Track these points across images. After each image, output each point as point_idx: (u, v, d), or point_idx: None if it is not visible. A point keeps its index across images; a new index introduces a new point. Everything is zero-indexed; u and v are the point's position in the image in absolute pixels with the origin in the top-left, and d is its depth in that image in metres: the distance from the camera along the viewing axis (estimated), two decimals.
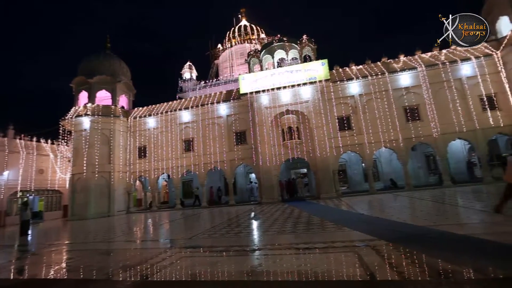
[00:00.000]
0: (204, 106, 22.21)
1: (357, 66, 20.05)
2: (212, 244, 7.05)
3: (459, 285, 3.28)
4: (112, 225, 14.98)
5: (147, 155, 22.96)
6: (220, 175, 23.35)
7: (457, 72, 17.89)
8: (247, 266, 4.90)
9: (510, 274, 3.59)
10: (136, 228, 13.06)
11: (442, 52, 18.71)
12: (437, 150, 17.71)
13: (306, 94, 19.42)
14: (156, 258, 6.01)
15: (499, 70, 17.30)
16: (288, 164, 22.06)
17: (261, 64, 21.64)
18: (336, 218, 9.42)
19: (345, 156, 20.69)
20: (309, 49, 20.73)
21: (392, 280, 3.64)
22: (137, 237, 10.25)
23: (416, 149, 19.52)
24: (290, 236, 7.17)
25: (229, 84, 30.27)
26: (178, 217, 15.66)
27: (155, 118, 23.25)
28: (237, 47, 36.64)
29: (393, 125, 18.30)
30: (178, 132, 22.59)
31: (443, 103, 17.82)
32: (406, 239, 5.57)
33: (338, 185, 18.83)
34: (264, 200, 18.89)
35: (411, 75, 18.59)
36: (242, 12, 41.39)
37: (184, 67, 35.86)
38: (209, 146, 21.56)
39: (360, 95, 19.21)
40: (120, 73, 24.05)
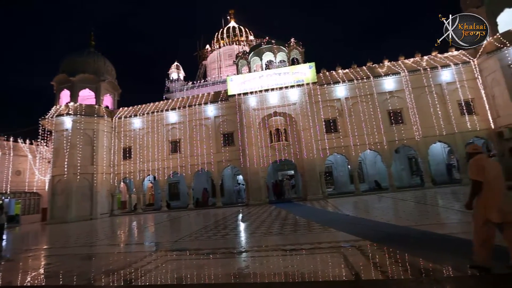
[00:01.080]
0: (192, 107, 21.97)
1: (343, 70, 20.47)
2: (199, 246, 6.95)
3: (439, 283, 3.40)
4: (94, 228, 14.50)
5: (132, 156, 22.42)
6: (207, 177, 23.13)
7: (437, 78, 18.62)
8: (234, 268, 4.87)
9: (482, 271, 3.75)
10: (120, 231, 12.70)
11: (424, 58, 19.43)
12: (419, 152, 18.33)
13: (294, 97, 19.62)
14: (140, 261, 5.87)
15: (476, 77, 18.16)
16: (276, 166, 22.17)
17: (249, 66, 21.68)
18: (323, 219, 9.53)
19: (332, 158, 21.03)
20: (297, 52, 20.98)
21: (376, 279, 3.72)
22: (121, 240, 9.97)
23: (399, 151, 20.12)
24: (277, 238, 7.19)
25: (217, 85, 30.14)
26: (164, 219, 15.37)
27: (141, 118, 22.76)
28: (226, 49, 36.57)
29: (378, 128, 18.78)
30: (165, 133, 22.21)
31: (424, 107, 18.49)
32: (389, 239, 5.72)
33: (324, 187, 19.09)
34: (251, 202, 18.87)
35: (394, 79, 19.18)
36: (231, 14, 41.40)
37: (172, 67, 35.41)
38: (196, 147, 21.33)
39: (346, 98, 19.62)
40: (105, 71, 23.41)
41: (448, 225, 6.62)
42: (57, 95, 22.31)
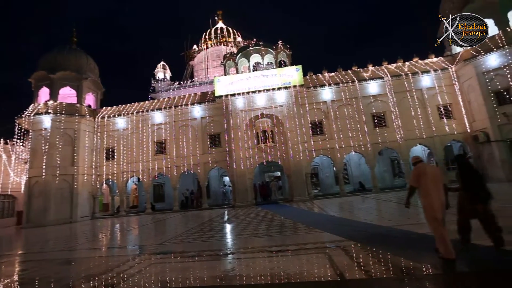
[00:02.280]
0: (178, 108, 21.67)
1: (329, 73, 20.86)
2: (184, 249, 6.85)
3: (419, 281, 3.52)
4: (74, 232, 13.96)
5: (115, 157, 21.79)
6: (193, 178, 22.85)
7: (418, 83, 19.35)
8: (220, 271, 4.84)
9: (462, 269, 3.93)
10: (102, 234, 12.30)
11: (406, 64, 20.14)
12: (401, 154, 18.94)
13: (281, 99, 19.78)
14: (123, 266, 5.70)
15: (454, 83, 19.02)
16: (262, 167, 22.22)
17: (237, 67, 21.67)
18: (308, 220, 9.64)
19: (317, 160, 21.33)
20: (284, 55, 21.18)
21: (360, 279, 3.80)
22: (103, 244, 9.65)
23: (383, 153, 20.71)
24: (263, 239, 7.20)
25: (204, 86, 29.88)
26: (148, 222, 15.02)
27: (125, 118, 22.19)
28: (213, 49, 36.37)
29: (362, 130, 19.26)
30: (150, 134, 21.76)
31: (406, 111, 19.14)
32: (373, 239, 5.87)
33: (310, 188, 19.33)
34: (238, 204, 18.81)
35: (378, 84, 19.75)
36: (219, 14, 41.24)
37: (158, 67, 34.78)
38: (182, 148, 21.03)
39: (332, 101, 20.00)
40: (87, 69, 22.66)
41: (427, 224, 6.85)
42: (36, 92, 21.36)
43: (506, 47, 16.17)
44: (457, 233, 4.66)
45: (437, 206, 4.01)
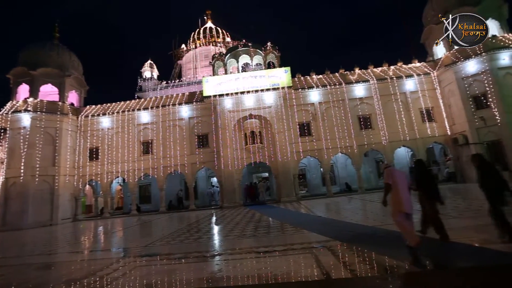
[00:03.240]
0: (165, 107, 21.33)
1: (317, 75, 21.15)
2: (170, 251, 6.74)
3: (402, 279, 3.63)
4: (54, 235, 13.45)
5: (99, 157, 21.16)
6: (181, 179, 22.54)
7: (402, 86, 19.95)
8: (207, 272, 4.79)
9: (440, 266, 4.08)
10: (84, 237, 11.91)
11: (391, 68, 20.74)
12: (385, 156, 19.45)
13: (269, 100, 19.87)
14: (106, 269, 5.54)
15: (435, 87, 19.75)
16: (250, 168, 22.22)
17: (226, 67, 21.60)
18: (296, 221, 9.72)
19: (305, 161, 21.56)
20: (273, 56, 21.30)
21: (345, 278, 3.87)
22: (85, 247, 9.34)
23: (368, 155, 21.19)
24: (250, 240, 7.20)
25: (192, 86, 29.57)
26: (133, 223, 14.68)
27: (110, 117, 21.61)
28: (202, 49, 36.07)
29: (349, 132, 19.64)
30: (136, 134, 21.29)
31: (390, 113, 19.68)
32: (358, 239, 5.99)
33: (298, 189, 19.50)
34: (225, 205, 18.72)
35: (364, 87, 20.21)
36: (207, 14, 40.98)
37: (145, 65, 34.09)
38: (169, 148, 20.71)
39: (320, 103, 20.28)
40: (70, 66, 21.91)
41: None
42: (14, 89, 20.44)
43: (484, 54, 16.96)
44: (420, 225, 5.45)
45: (404, 202, 4.57)
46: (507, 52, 16.82)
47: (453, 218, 7.14)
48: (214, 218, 13.31)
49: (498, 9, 18.19)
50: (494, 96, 16.62)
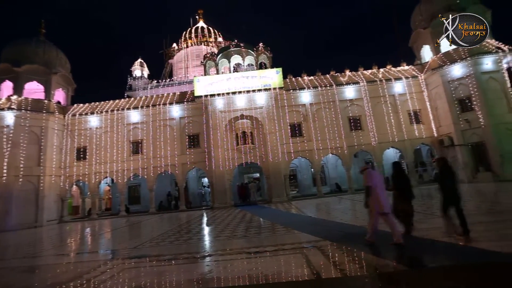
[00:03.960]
0: (156, 107, 21.06)
1: (308, 77, 21.33)
2: (160, 252, 6.65)
3: (388, 277, 3.70)
4: (39, 237, 13.06)
5: (87, 157, 20.68)
6: (171, 180, 22.30)
7: (391, 89, 20.36)
8: (197, 274, 4.76)
9: (431, 264, 4.19)
10: (70, 239, 11.61)
11: (380, 70, 21.12)
12: (375, 157, 19.79)
13: (261, 100, 19.91)
14: (93, 272, 5.42)
15: (423, 90, 20.24)
16: (241, 169, 22.20)
17: (217, 67, 21.51)
18: (286, 221, 9.77)
19: (296, 162, 21.69)
20: (265, 57, 21.35)
21: (335, 277, 3.92)
22: (71, 249, 9.11)
23: (358, 156, 21.49)
24: (241, 241, 7.19)
25: (183, 86, 29.30)
26: (122, 225, 14.41)
27: (99, 116, 21.16)
28: (193, 48, 35.80)
29: (339, 133, 19.88)
30: (126, 133, 20.92)
31: (380, 115, 20.05)
32: (347, 239, 6.07)
33: (289, 189, 19.61)
34: (216, 205, 18.62)
35: (354, 88, 20.51)
36: (199, 14, 40.69)
37: (135, 64, 33.52)
38: (159, 148, 20.44)
39: (311, 104, 20.46)
40: (57, 63, 21.32)
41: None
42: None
43: (469, 58, 17.51)
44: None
45: (383, 202, 4.99)
46: (490, 57, 17.42)
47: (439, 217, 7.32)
48: (205, 219, 13.22)
49: (482, 15, 18.77)
50: (478, 100, 17.18)
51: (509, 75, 17.64)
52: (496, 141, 16.48)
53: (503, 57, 17.51)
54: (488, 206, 8.85)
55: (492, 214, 7.31)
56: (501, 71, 17.51)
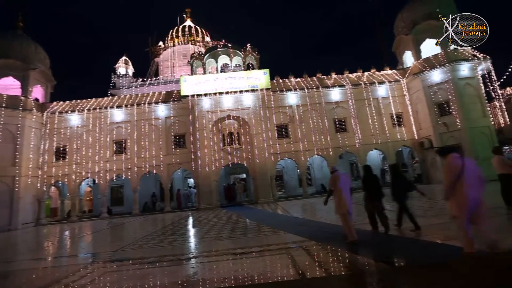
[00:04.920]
0: (141, 106, 20.59)
1: (295, 78, 21.57)
2: (143, 255, 6.49)
3: (372, 276, 3.79)
4: (13, 241, 12.42)
5: (67, 157, 19.89)
6: (156, 180, 21.85)
7: (375, 92, 20.94)
8: (182, 276, 4.68)
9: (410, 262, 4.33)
10: (47, 242, 11.11)
11: (365, 74, 21.69)
12: (359, 158, 20.27)
13: (248, 101, 19.92)
14: (72, 276, 5.21)
15: (404, 94, 20.97)
16: (228, 170, 22.10)
17: (204, 67, 21.34)
18: (272, 222, 9.81)
19: (282, 163, 21.85)
20: (252, 58, 21.39)
21: (320, 277, 3.97)
22: (48, 253, 8.72)
23: (343, 157, 21.94)
24: (227, 242, 7.15)
25: (170, 85, 28.83)
26: (103, 227, 13.96)
27: (80, 115, 20.42)
28: (180, 47, 35.30)
29: (325, 135, 20.22)
30: (109, 132, 20.31)
31: (364, 117, 20.57)
32: (332, 239, 6.17)
33: (275, 190, 19.72)
34: (202, 206, 18.43)
35: (340, 91, 20.94)
36: (187, 12, 40.19)
37: (119, 62, 32.60)
38: (144, 148, 19.99)
39: (297, 106, 20.69)
40: (36, 59, 20.39)
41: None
42: None
43: (447, 65, 18.34)
44: (370, 224, 6.41)
45: (345, 203, 5.42)
46: (467, 64, 18.33)
47: (418, 216, 7.60)
48: (190, 220, 13.04)
49: None
50: (455, 104, 18.01)
51: (483, 82, 18.66)
52: (471, 144, 17.33)
53: (478, 65, 18.48)
54: None
55: None
56: (477, 77, 18.47)
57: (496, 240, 3.67)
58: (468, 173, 3.73)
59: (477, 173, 3.81)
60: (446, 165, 4.00)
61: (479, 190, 3.72)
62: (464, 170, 3.75)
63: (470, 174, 3.74)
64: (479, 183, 3.76)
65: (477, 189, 3.71)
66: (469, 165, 3.80)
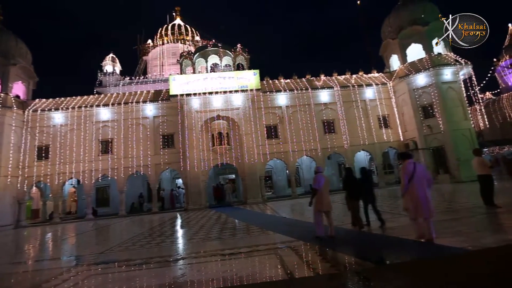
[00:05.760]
0: (128, 105, 20.16)
1: (285, 79, 21.72)
2: (130, 257, 6.35)
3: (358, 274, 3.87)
4: None
5: (50, 157, 19.23)
6: (143, 181, 21.46)
7: (362, 94, 21.36)
8: (169, 278, 4.62)
9: (393, 261, 4.45)
10: (28, 245, 10.70)
11: (353, 76, 22.10)
12: (346, 159, 20.61)
13: (237, 101, 19.88)
14: (54, 280, 5.04)
15: (391, 96, 21.51)
16: (217, 170, 21.97)
17: (194, 66, 21.15)
18: (261, 222, 9.83)
19: (271, 163, 21.93)
20: (242, 58, 21.38)
21: (308, 276, 4.02)
22: (29, 256, 8.40)
23: (331, 158, 22.26)
24: (215, 243, 7.11)
25: (158, 84, 28.41)
26: (88, 229, 13.57)
27: (64, 113, 19.80)
28: (169, 46, 34.81)
29: (313, 136, 20.44)
30: (94, 131, 19.78)
31: (352, 119, 20.94)
32: (320, 238, 6.24)
33: (264, 191, 19.77)
34: (190, 207, 18.24)
35: (329, 93, 21.24)
36: (177, 11, 39.69)
37: (106, 59, 31.81)
38: (131, 148, 19.59)
39: (287, 107, 20.84)
40: (16, 54, 19.64)
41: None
42: None
43: (431, 69, 18.94)
44: (352, 224, 6.91)
45: (325, 203, 5.88)
46: (450, 68, 19.00)
47: (403, 216, 7.80)
48: (178, 221, 12.88)
49: (443, 30, 20.39)
50: (438, 107, 18.63)
51: (464, 86, 19.40)
52: (453, 146, 17.97)
53: (460, 69, 19.19)
54: (446, 205, 9.60)
55: (449, 213, 7.95)
56: (459, 82, 19.19)
57: (428, 231, 4.76)
58: (418, 176, 4.78)
59: (425, 176, 4.87)
60: (402, 168, 5.09)
61: (426, 189, 4.79)
62: (415, 174, 4.79)
63: (420, 176, 4.79)
64: (426, 183, 4.82)
65: (424, 189, 4.77)
66: (419, 169, 4.87)
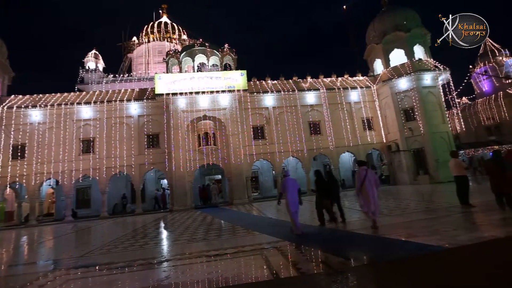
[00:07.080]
0: (112, 103, 19.59)
1: (272, 81, 21.86)
2: (111, 260, 6.16)
3: (343, 274, 3.95)
4: None
5: (26, 156, 18.35)
6: (127, 181, 20.90)
7: (347, 97, 21.85)
8: (153, 281, 4.52)
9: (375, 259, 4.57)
10: (0, 250, 10.14)
11: (338, 79, 22.57)
12: (332, 160, 21.00)
13: (224, 102, 19.80)
14: (30, 286, 4.81)
15: (375, 99, 22.13)
16: (203, 170, 21.78)
17: (181, 66, 20.86)
18: (247, 223, 9.83)
19: (258, 164, 21.98)
20: (230, 58, 21.32)
21: (293, 276, 4.05)
22: (1, 262, 7.96)
23: (317, 159, 22.59)
24: (201, 244, 7.03)
25: (143, 82, 27.79)
26: (67, 231, 13.05)
27: (43, 110, 18.96)
28: (155, 44, 34.15)
29: (300, 137, 20.69)
30: (75, 130, 19.07)
31: (337, 121, 21.37)
32: (305, 238, 6.33)
33: (250, 191, 19.78)
34: (176, 208, 17.96)
35: (315, 95, 21.57)
36: (163, 8, 39.01)
37: (88, 55, 30.73)
38: (114, 148, 19.03)
39: (274, 108, 20.97)
40: None
41: (351, 223, 7.75)
42: None
43: (412, 74, 19.66)
44: (318, 220, 7.57)
45: (291, 203, 6.52)
46: (429, 74, 19.80)
47: (385, 215, 8.05)
48: (163, 223, 12.64)
49: (424, 37, 21.28)
50: (419, 111, 19.37)
51: (443, 91, 20.29)
52: (432, 148, 18.73)
53: (439, 75, 20.05)
54: (424, 205, 9.98)
55: (427, 212, 8.27)
56: (437, 86, 20.04)
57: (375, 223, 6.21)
58: (369, 180, 6.29)
59: (374, 180, 6.37)
60: (357, 173, 6.66)
61: (375, 190, 6.30)
62: (366, 178, 6.28)
63: (370, 179, 6.31)
64: (375, 186, 6.31)
65: (374, 190, 6.27)
66: (370, 175, 6.36)
